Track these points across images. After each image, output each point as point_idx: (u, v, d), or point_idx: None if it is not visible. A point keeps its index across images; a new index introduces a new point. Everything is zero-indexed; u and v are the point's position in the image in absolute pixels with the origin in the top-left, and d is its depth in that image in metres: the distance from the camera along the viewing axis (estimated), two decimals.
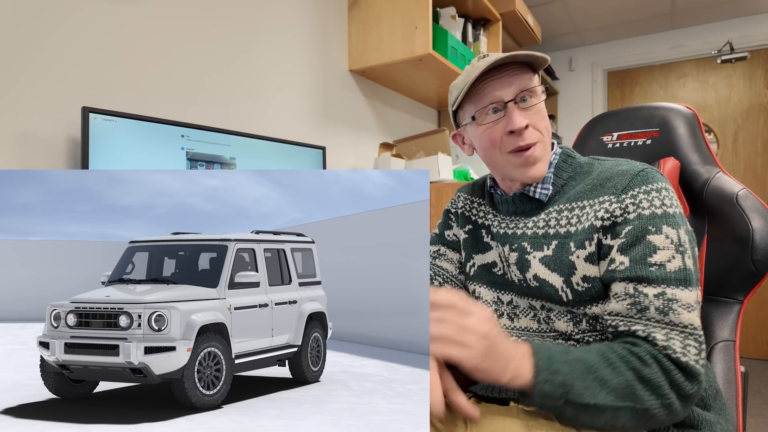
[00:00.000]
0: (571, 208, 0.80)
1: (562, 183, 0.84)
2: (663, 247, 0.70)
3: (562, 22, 3.34)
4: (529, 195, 0.85)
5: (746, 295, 1.00)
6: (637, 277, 0.69)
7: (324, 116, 1.90)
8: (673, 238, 0.70)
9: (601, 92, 3.70)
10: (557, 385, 0.64)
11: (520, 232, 0.84)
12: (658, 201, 0.73)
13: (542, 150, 0.81)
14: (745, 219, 0.99)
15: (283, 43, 1.71)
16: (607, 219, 0.74)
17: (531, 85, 0.80)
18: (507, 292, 0.88)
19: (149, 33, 1.28)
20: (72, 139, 1.11)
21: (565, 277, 0.76)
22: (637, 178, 0.75)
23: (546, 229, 0.81)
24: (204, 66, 1.42)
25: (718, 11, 3.14)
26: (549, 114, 0.84)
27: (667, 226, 0.71)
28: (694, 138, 1.10)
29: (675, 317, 0.67)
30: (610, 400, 0.63)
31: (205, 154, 1.22)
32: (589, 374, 0.64)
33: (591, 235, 0.75)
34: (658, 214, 0.72)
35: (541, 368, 0.64)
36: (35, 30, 1.05)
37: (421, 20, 1.84)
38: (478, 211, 0.96)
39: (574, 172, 0.84)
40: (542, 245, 0.80)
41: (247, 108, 1.57)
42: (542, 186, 0.84)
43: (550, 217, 0.82)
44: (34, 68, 1.04)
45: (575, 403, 0.63)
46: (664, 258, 0.70)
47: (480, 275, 0.92)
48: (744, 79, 3.29)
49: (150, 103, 1.27)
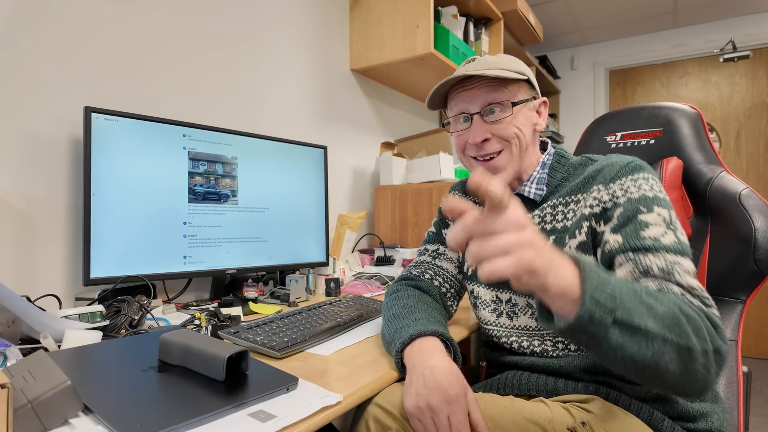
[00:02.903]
0: (565, 202, 0.82)
1: (556, 183, 0.86)
2: (655, 224, 0.70)
3: (564, 21, 3.33)
4: (522, 195, 0.88)
5: (749, 294, 1.00)
6: (633, 247, 0.69)
7: (325, 115, 1.90)
8: (665, 216, 0.71)
9: (603, 91, 3.70)
10: (609, 296, 0.52)
11: None
12: (647, 186, 0.74)
13: (507, 158, 0.85)
14: (747, 218, 0.99)
15: (285, 42, 1.71)
16: (597, 206, 0.76)
17: (499, 99, 0.83)
18: (505, 291, 0.88)
19: (151, 33, 1.28)
20: (74, 138, 1.11)
21: None
22: (625, 169, 0.77)
23: (542, 224, 0.84)
24: (205, 65, 1.43)
25: (720, 10, 3.13)
26: (550, 113, 0.85)
27: (658, 207, 0.72)
28: (697, 137, 1.10)
29: (680, 278, 0.65)
30: (660, 327, 0.53)
31: (207, 153, 1.22)
32: (635, 297, 0.55)
33: (581, 224, 0.77)
34: (649, 197, 0.73)
35: (590, 274, 0.53)
36: (36, 30, 1.05)
37: (423, 19, 1.84)
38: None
39: (568, 172, 0.86)
40: None
41: (249, 107, 1.57)
42: (536, 186, 0.87)
43: (545, 213, 0.84)
44: (36, 68, 1.05)
45: (625, 323, 0.53)
46: (657, 233, 0.69)
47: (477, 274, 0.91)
48: (746, 78, 3.27)
49: (152, 102, 1.28)
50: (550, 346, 0.82)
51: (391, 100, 2.34)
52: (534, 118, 0.88)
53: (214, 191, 1.23)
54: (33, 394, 0.51)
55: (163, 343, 0.69)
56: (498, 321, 0.89)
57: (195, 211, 1.19)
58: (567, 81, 3.80)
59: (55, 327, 0.79)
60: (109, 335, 0.86)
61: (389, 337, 0.82)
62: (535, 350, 0.84)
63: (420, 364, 0.71)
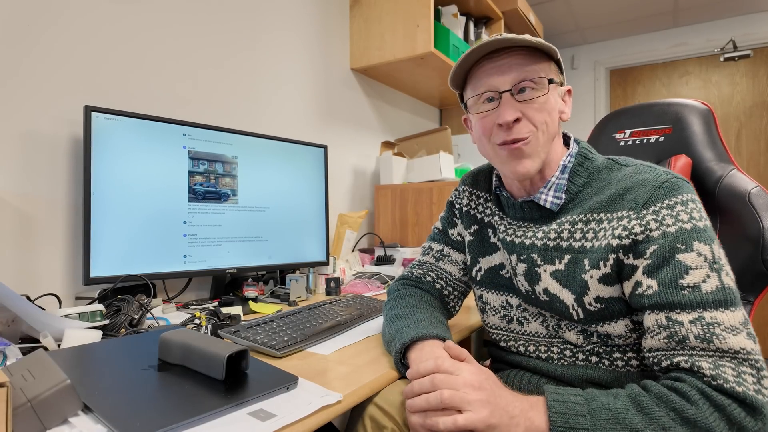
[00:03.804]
0: (586, 220, 0.72)
1: (576, 189, 0.76)
2: (696, 266, 0.61)
3: (565, 20, 3.33)
4: (538, 203, 0.78)
5: (757, 295, 0.97)
6: (668, 304, 0.61)
7: (326, 115, 1.90)
8: (707, 255, 0.61)
9: (604, 90, 3.69)
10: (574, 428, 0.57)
11: (529, 242, 0.77)
12: (685, 215, 0.64)
13: (535, 146, 0.73)
14: (756, 218, 0.95)
15: (285, 41, 1.71)
16: (626, 237, 0.66)
17: (533, 76, 0.71)
18: (515, 296, 0.83)
19: (152, 32, 1.28)
20: (74, 138, 1.11)
21: (577, 295, 0.70)
22: (660, 191, 0.66)
23: (558, 241, 0.74)
24: (206, 65, 1.42)
25: (721, 9, 3.12)
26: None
27: (698, 242, 0.62)
28: (708, 134, 1.06)
29: (721, 343, 0.57)
30: None
31: (207, 152, 1.22)
32: (616, 424, 0.57)
33: (607, 255, 0.68)
34: (687, 230, 0.63)
35: (556, 423, 0.58)
36: (37, 29, 1.05)
37: (423, 18, 1.84)
38: (484, 208, 0.89)
39: (591, 177, 0.76)
40: (554, 258, 0.74)
41: (249, 107, 1.57)
42: (554, 194, 0.76)
43: (563, 229, 0.74)
44: (36, 67, 1.05)
45: None
46: (698, 278, 0.60)
47: (487, 279, 0.87)
48: (747, 77, 3.27)
49: (152, 101, 1.28)
50: (556, 353, 0.79)
51: (392, 99, 2.34)
52: (561, 105, 0.77)
53: (214, 190, 1.23)
54: (32, 393, 0.51)
55: (163, 342, 0.69)
56: (508, 327, 0.85)
57: (195, 210, 1.19)
58: (567, 80, 3.78)
59: (55, 326, 0.79)
60: (109, 334, 0.86)
61: (389, 337, 0.81)
62: (541, 356, 0.81)
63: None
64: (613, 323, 0.70)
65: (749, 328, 0.59)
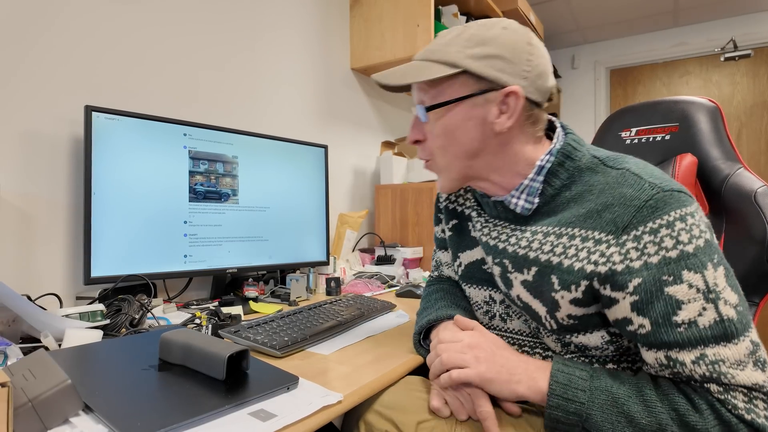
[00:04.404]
0: (558, 233, 0.66)
1: (553, 192, 0.69)
2: (688, 300, 0.55)
3: (565, 20, 3.33)
4: (508, 207, 0.73)
5: (762, 296, 0.95)
6: (665, 343, 0.57)
7: (326, 114, 1.90)
8: (699, 286, 0.55)
9: (604, 90, 3.69)
10: (570, 413, 0.58)
11: (502, 247, 0.74)
12: (670, 240, 0.57)
13: (437, 167, 0.74)
14: (762, 218, 0.93)
15: (285, 41, 1.71)
16: (603, 265, 0.60)
17: (424, 102, 0.70)
18: (498, 291, 0.80)
19: (152, 32, 1.28)
20: (75, 137, 1.11)
21: (549, 308, 0.68)
22: (643, 212, 0.58)
23: (527, 250, 0.70)
24: (206, 64, 1.42)
25: (721, 9, 3.12)
26: (551, 112, 0.77)
27: (687, 271, 0.56)
28: (716, 132, 1.04)
29: (730, 381, 0.54)
30: None
31: (208, 152, 1.22)
32: (614, 407, 0.57)
33: (579, 281, 0.63)
34: (673, 258, 0.56)
35: (554, 391, 0.60)
36: (37, 29, 1.05)
37: (423, 18, 1.83)
38: (464, 200, 0.86)
39: (571, 179, 0.69)
40: (522, 268, 0.70)
41: (249, 107, 1.57)
42: (526, 198, 0.71)
43: (535, 238, 0.69)
44: (36, 67, 1.05)
45: None
46: (693, 313, 0.55)
47: (468, 274, 0.84)
48: (747, 77, 3.27)
49: (153, 101, 1.28)
50: (539, 357, 0.75)
51: (392, 99, 2.34)
52: (489, 115, 0.67)
53: (214, 190, 1.23)
54: (33, 393, 0.51)
55: (164, 342, 0.69)
56: (491, 323, 0.83)
57: (195, 210, 1.19)
58: (568, 80, 3.79)
59: (56, 326, 0.79)
60: (109, 334, 0.86)
61: (416, 329, 0.84)
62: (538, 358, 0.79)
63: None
64: (588, 334, 0.67)
65: (757, 355, 0.55)
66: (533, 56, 0.67)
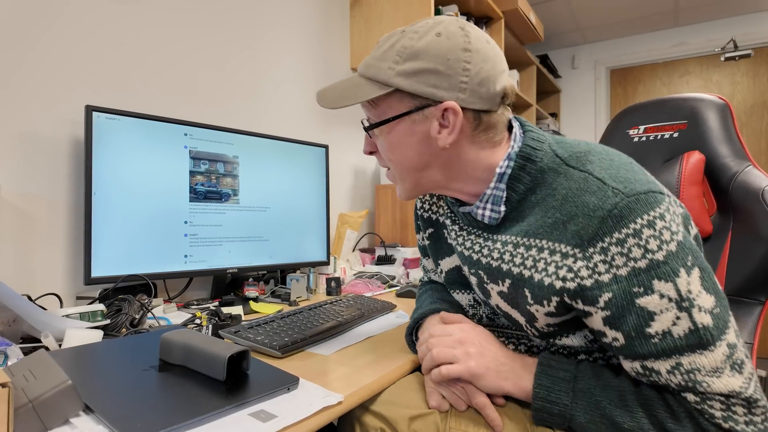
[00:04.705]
0: (527, 245, 0.65)
1: (518, 197, 0.67)
2: (660, 311, 0.54)
3: (565, 20, 3.33)
4: (475, 218, 0.72)
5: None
6: (640, 355, 0.56)
7: (326, 114, 1.90)
8: (671, 295, 0.54)
9: (604, 90, 3.69)
10: (554, 414, 0.61)
11: (476, 258, 0.73)
12: (639, 250, 0.55)
13: (393, 178, 0.75)
14: None
15: (286, 41, 1.71)
16: (571, 280, 0.59)
17: (367, 116, 0.72)
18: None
19: (152, 32, 1.28)
20: (75, 138, 1.11)
21: (527, 319, 0.68)
22: (607, 223, 0.56)
23: (500, 263, 0.68)
24: (207, 64, 1.42)
25: (721, 9, 3.12)
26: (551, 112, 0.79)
27: (658, 281, 0.54)
28: (725, 129, 1.02)
29: (706, 389, 0.53)
30: None
31: (208, 152, 1.22)
32: (597, 410, 0.58)
33: (550, 297, 0.62)
34: (642, 268, 0.55)
35: (538, 394, 0.62)
36: (38, 29, 1.05)
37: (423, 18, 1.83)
38: (438, 207, 0.86)
39: (533, 182, 0.66)
40: (497, 279, 0.70)
41: (250, 106, 1.57)
42: (492, 207, 0.69)
43: (505, 250, 0.68)
44: (37, 67, 1.05)
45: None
46: (666, 323, 0.54)
47: (450, 280, 0.85)
48: (748, 76, 3.27)
49: (153, 101, 1.28)
50: (525, 348, 0.77)
51: None
52: (431, 130, 0.65)
53: (215, 190, 1.23)
54: (34, 394, 0.51)
55: (164, 343, 0.69)
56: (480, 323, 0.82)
57: (196, 210, 1.19)
58: (568, 80, 3.79)
59: (56, 326, 0.79)
60: (109, 334, 0.86)
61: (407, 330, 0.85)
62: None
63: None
64: (571, 336, 0.68)
65: (734, 358, 0.54)
66: (471, 64, 0.63)
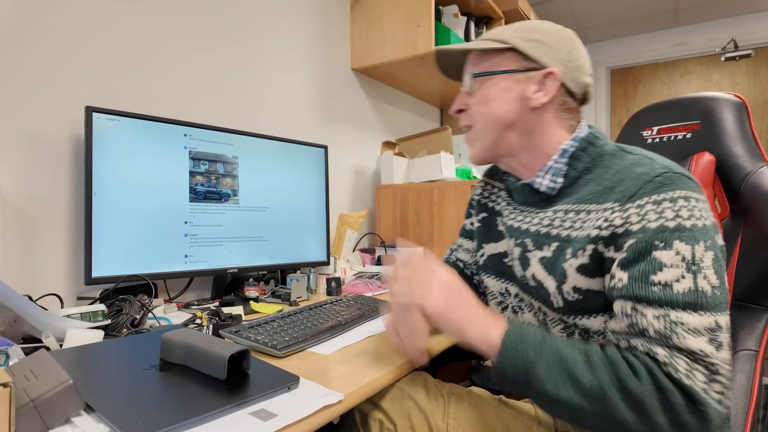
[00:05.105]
0: (577, 210, 0.72)
1: (576, 174, 0.75)
2: (671, 265, 0.59)
3: (565, 20, 3.32)
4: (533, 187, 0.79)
5: None
6: (636, 297, 0.60)
7: (326, 115, 1.90)
8: (686, 255, 0.58)
9: (604, 90, 3.69)
10: (518, 367, 0.61)
11: (525, 227, 0.79)
12: (671, 212, 0.60)
13: (473, 135, 0.81)
14: None
15: (286, 41, 1.71)
16: (606, 228, 0.65)
17: (469, 74, 0.80)
18: (514, 284, 0.85)
19: (152, 33, 1.28)
20: (76, 138, 1.11)
21: (558, 283, 0.71)
22: (649, 185, 0.63)
23: (550, 228, 0.75)
24: (206, 65, 1.43)
25: (722, 9, 3.12)
26: None
27: (679, 242, 0.59)
28: (740, 129, 0.98)
29: (679, 341, 0.56)
30: (576, 398, 0.58)
31: (208, 153, 1.22)
32: (559, 366, 0.60)
33: (585, 245, 0.67)
34: (669, 228, 0.60)
35: (506, 344, 0.63)
36: (38, 30, 1.05)
37: (424, 18, 1.84)
38: (496, 197, 0.93)
39: (593, 162, 0.74)
40: (542, 245, 0.75)
41: (250, 107, 1.57)
42: (551, 178, 0.76)
43: (556, 216, 0.75)
44: (38, 68, 1.05)
45: (536, 389, 0.60)
46: (671, 277, 0.58)
47: (489, 265, 0.90)
48: (748, 76, 3.27)
49: (153, 102, 1.28)
50: None
51: (392, 99, 2.34)
52: (526, 91, 0.74)
53: (215, 190, 1.23)
54: (35, 393, 0.51)
55: (165, 342, 0.69)
56: (503, 314, 0.87)
57: (196, 210, 1.19)
58: None
59: (57, 326, 0.79)
60: (110, 334, 0.86)
61: None
62: None
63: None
64: (592, 317, 0.70)
65: (717, 334, 0.56)
66: (574, 50, 0.76)
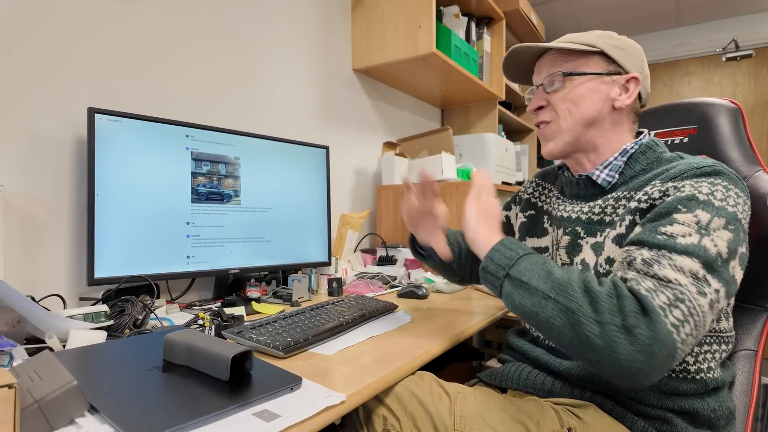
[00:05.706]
0: (628, 197, 0.77)
1: (632, 174, 0.81)
2: (684, 223, 0.63)
3: (566, 20, 3.33)
4: (592, 179, 0.84)
5: None
6: (640, 241, 0.65)
7: (327, 115, 1.91)
8: (702, 221, 0.63)
9: None
10: (504, 257, 0.71)
11: (575, 216, 0.85)
12: (707, 188, 0.66)
13: (554, 129, 0.85)
14: None
15: (287, 42, 1.72)
16: (645, 201, 0.72)
17: (555, 71, 0.84)
18: None
19: (154, 35, 1.28)
20: (78, 139, 1.11)
21: (596, 258, 0.77)
22: (695, 172, 0.69)
23: (602, 215, 0.80)
24: (208, 66, 1.43)
25: (723, 9, 3.12)
26: None
27: (702, 211, 0.64)
28: (736, 134, 1.01)
29: (658, 270, 0.61)
30: (545, 287, 0.65)
31: (210, 153, 1.22)
32: (541, 266, 0.68)
33: (624, 217, 0.74)
34: (698, 198, 0.65)
35: (503, 242, 0.74)
36: (40, 30, 1.05)
37: (425, 19, 1.84)
38: (547, 197, 0.99)
39: (650, 165, 0.80)
40: (596, 231, 0.80)
41: (251, 108, 1.57)
42: (608, 172, 0.83)
43: (607, 204, 0.80)
44: (39, 69, 1.05)
45: (513, 277, 0.69)
46: (678, 231, 0.63)
47: None
48: (749, 77, 3.27)
49: (155, 103, 1.28)
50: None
51: (394, 99, 2.34)
52: (611, 93, 0.82)
53: (216, 191, 1.24)
54: (39, 394, 0.52)
55: (168, 343, 0.70)
56: None
57: (198, 211, 1.19)
58: None
59: (60, 327, 0.79)
60: (113, 335, 0.86)
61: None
62: (550, 343, 0.86)
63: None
64: None
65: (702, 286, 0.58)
66: (644, 61, 0.85)
